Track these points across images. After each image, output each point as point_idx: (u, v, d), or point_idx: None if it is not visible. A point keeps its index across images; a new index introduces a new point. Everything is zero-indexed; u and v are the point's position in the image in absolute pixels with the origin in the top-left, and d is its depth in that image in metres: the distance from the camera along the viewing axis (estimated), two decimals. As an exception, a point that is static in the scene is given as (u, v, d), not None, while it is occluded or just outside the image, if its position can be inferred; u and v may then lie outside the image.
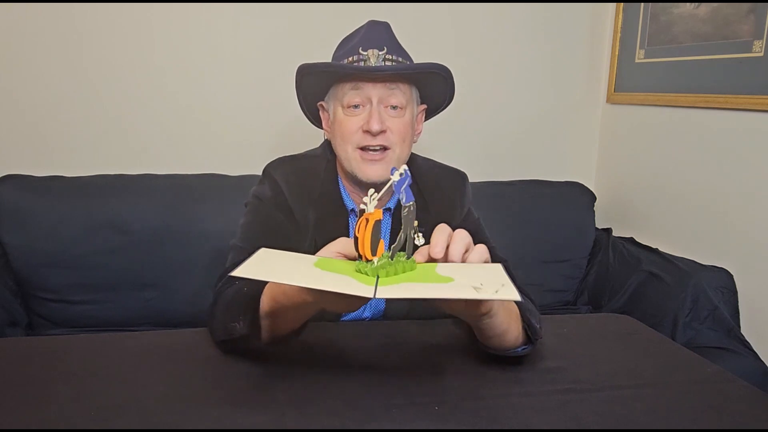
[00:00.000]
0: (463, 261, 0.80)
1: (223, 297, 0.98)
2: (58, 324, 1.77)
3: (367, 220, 0.73)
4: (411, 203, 0.78)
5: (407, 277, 0.75)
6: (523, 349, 0.94)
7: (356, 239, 0.74)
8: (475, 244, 0.84)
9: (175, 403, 0.82)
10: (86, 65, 1.91)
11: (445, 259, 0.80)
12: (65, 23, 1.86)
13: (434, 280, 0.74)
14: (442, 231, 0.81)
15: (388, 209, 1.18)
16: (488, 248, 0.84)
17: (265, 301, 0.87)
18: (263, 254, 0.79)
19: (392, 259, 0.76)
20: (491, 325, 0.88)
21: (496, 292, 0.70)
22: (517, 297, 0.69)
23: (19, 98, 1.89)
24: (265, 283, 0.87)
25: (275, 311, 0.87)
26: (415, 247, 0.81)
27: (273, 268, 0.75)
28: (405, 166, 0.79)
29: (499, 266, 0.79)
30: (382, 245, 0.76)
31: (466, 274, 0.76)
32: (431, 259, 0.80)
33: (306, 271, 0.74)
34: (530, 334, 0.94)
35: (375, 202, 0.74)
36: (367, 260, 0.74)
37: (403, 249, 0.79)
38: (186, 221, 1.81)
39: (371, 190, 0.76)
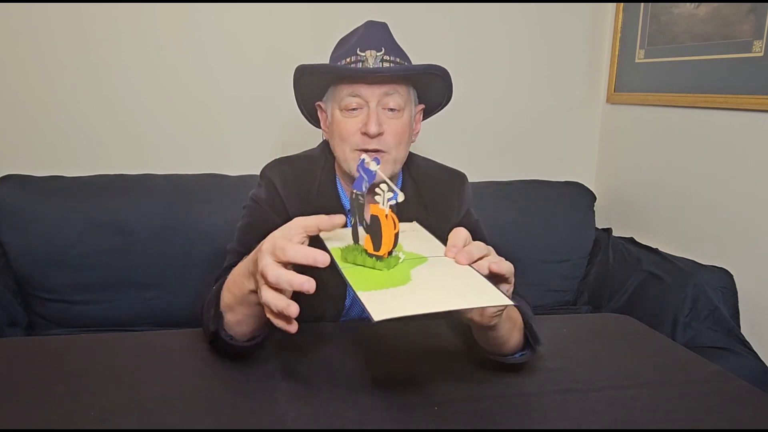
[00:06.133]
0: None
1: (206, 300, 0.98)
2: (58, 324, 1.78)
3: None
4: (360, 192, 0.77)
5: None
6: (521, 355, 0.94)
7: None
8: None
9: (175, 403, 0.82)
10: (87, 65, 1.91)
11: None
12: (66, 23, 1.86)
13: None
14: (457, 234, 0.79)
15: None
16: None
17: (224, 294, 0.87)
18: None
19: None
20: (494, 336, 0.88)
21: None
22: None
23: (19, 98, 1.89)
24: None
25: (230, 303, 0.86)
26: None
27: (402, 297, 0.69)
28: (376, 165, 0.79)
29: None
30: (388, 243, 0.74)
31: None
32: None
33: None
34: (532, 340, 0.94)
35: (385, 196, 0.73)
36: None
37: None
38: (186, 221, 1.81)
39: (383, 184, 0.74)
